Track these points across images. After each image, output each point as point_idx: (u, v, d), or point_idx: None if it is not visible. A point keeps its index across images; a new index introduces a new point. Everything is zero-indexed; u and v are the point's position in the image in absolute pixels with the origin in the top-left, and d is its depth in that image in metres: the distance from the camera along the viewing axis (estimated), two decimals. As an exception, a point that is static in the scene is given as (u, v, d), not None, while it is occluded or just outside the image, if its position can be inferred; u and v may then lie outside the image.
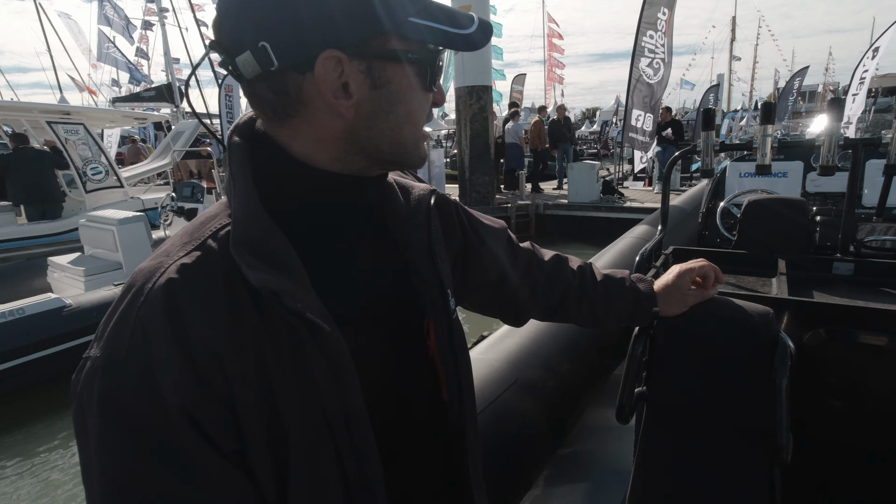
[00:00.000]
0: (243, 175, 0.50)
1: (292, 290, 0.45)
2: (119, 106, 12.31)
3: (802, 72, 18.74)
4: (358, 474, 0.51)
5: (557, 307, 0.90)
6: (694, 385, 1.02)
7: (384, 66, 0.50)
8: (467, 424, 0.65)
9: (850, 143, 1.63)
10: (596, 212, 8.60)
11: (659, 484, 1.04)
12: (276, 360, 0.47)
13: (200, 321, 0.45)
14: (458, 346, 0.64)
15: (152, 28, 18.21)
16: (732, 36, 35.66)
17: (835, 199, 3.17)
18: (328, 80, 0.48)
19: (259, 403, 0.46)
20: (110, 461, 0.44)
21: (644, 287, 0.93)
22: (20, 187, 6.65)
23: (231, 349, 0.45)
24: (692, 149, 1.94)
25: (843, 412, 1.32)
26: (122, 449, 0.44)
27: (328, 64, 0.47)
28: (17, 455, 3.36)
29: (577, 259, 0.95)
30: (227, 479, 0.46)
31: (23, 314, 3.71)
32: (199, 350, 0.44)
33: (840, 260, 1.65)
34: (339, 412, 0.49)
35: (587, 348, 2.12)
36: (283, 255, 0.47)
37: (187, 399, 0.44)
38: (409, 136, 0.54)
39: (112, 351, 0.44)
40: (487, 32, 0.53)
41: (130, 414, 0.43)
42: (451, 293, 0.65)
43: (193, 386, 0.44)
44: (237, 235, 0.46)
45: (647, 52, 7.90)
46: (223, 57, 0.50)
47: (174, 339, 0.44)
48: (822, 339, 1.30)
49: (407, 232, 0.62)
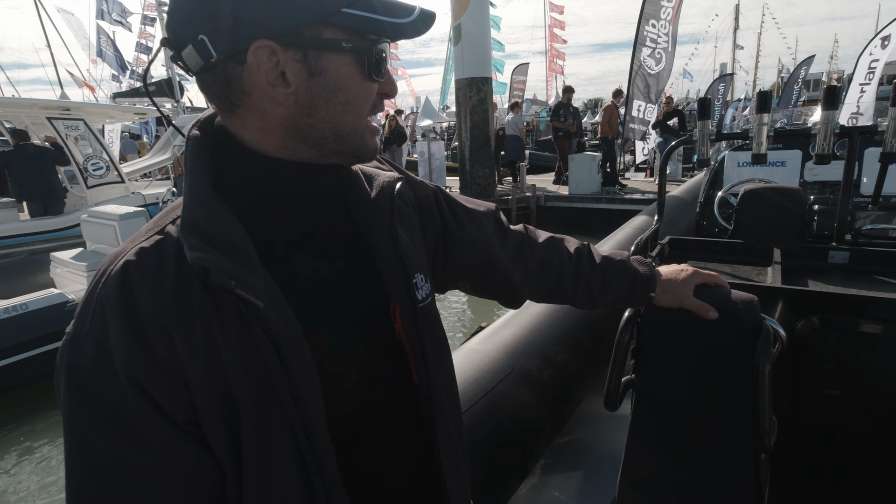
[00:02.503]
0: (194, 164, 0.54)
1: (227, 267, 0.48)
2: (119, 101, 12.29)
3: (808, 60, 18.53)
4: (310, 451, 0.53)
5: (554, 289, 0.90)
6: (680, 372, 1.03)
7: (319, 55, 0.52)
8: (436, 408, 0.65)
9: (846, 132, 1.63)
10: (597, 203, 8.58)
11: (647, 470, 1.06)
12: (223, 336, 0.50)
13: (150, 299, 0.49)
14: (424, 330, 0.64)
15: (153, 24, 18.12)
16: (736, 24, 35.32)
17: (833, 187, 3.15)
18: (262, 69, 0.50)
19: (209, 377, 0.49)
20: (72, 426, 0.49)
21: (644, 270, 0.93)
22: (22, 184, 6.68)
23: (178, 325, 0.49)
24: (689, 138, 1.94)
25: (836, 400, 1.32)
26: (81, 415, 0.49)
27: (261, 53, 0.50)
28: (20, 449, 3.40)
29: (575, 240, 0.94)
30: (178, 446, 0.50)
31: (26, 309, 3.74)
32: (148, 325, 0.48)
33: (836, 248, 1.65)
34: (286, 388, 0.51)
35: (583, 338, 2.13)
36: (226, 235, 0.50)
37: (137, 370, 0.48)
38: (349, 124, 0.56)
39: (78, 326, 0.50)
40: (428, 22, 0.55)
41: (88, 383, 0.48)
42: (424, 278, 0.66)
43: (143, 358, 0.48)
44: (184, 219, 0.51)
45: (648, 41, 7.84)
46: (172, 52, 0.52)
47: (126, 316, 0.48)
48: (814, 327, 1.30)
49: (370, 217, 0.63)
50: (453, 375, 0.73)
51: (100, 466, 0.49)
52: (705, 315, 0.93)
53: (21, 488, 3.05)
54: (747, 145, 3.46)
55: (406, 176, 0.75)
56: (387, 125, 10.88)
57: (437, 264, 0.79)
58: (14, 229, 6.33)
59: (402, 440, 0.66)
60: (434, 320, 0.68)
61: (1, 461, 3.28)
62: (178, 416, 0.49)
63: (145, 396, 0.48)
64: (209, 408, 0.50)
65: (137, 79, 19.44)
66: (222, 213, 0.51)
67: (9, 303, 3.74)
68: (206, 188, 0.52)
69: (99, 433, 0.48)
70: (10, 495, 3.00)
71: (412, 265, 0.65)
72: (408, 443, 0.67)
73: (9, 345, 3.63)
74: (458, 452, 0.71)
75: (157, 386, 0.48)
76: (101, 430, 0.48)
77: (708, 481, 0.99)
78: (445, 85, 23.70)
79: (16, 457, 3.32)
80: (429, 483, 0.68)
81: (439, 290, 0.87)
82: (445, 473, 0.67)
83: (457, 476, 0.69)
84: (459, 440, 0.72)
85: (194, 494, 0.51)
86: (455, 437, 0.70)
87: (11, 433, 3.54)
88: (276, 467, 0.52)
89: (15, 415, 3.70)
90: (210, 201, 0.52)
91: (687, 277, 0.94)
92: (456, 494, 0.69)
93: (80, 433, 0.49)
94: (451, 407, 0.70)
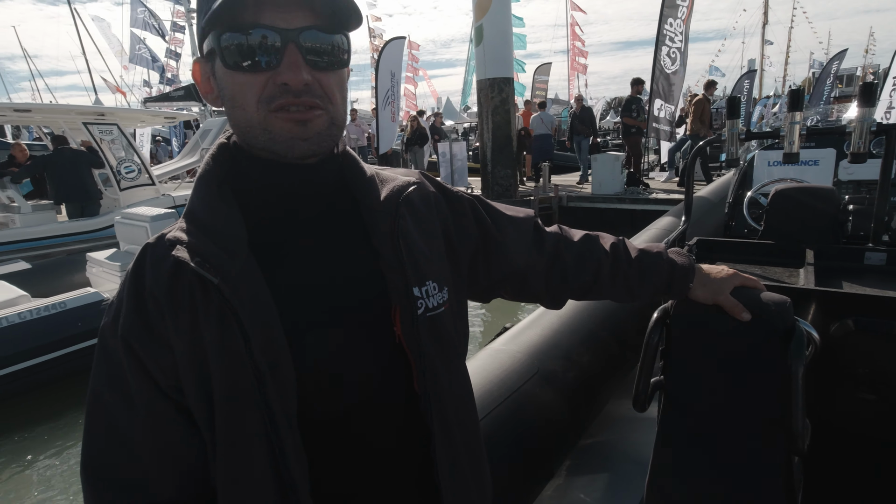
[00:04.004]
0: (206, 164, 0.62)
1: (199, 247, 0.55)
2: (150, 106, 12.67)
3: (841, 55, 17.91)
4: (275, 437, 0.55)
5: (592, 285, 0.90)
6: (710, 373, 1.02)
7: (211, 64, 0.60)
8: (436, 421, 0.63)
9: (883, 129, 1.58)
10: (620, 204, 8.46)
11: (677, 472, 1.05)
12: (205, 316, 0.56)
13: (151, 274, 0.58)
14: (424, 337, 0.62)
15: (183, 31, 18.60)
16: (764, 19, 34.35)
17: (869, 186, 3.05)
18: (198, 79, 0.62)
19: (191, 351, 0.56)
20: (92, 375, 0.61)
21: (681, 261, 0.93)
22: (60, 186, 6.93)
23: (169, 301, 0.57)
24: (717, 138, 1.91)
25: (870, 404, 1.29)
26: (97, 367, 0.60)
27: (196, 67, 0.63)
28: (59, 444, 3.54)
29: (610, 236, 0.94)
30: (154, 405, 0.58)
31: (64, 308, 3.90)
32: (147, 298, 0.57)
33: (872, 250, 1.61)
34: (250, 368, 0.54)
35: (608, 340, 2.12)
36: (217, 223, 0.57)
37: (130, 332, 0.57)
38: (241, 119, 0.59)
39: (114, 296, 0.62)
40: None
41: (104, 342, 0.60)
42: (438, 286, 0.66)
43: (138, 324, 0.57)
44: (186, 209, 0.60)
45: (667, 40, 7.71)
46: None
47: (133, 288, 0.59)
48: (849, 330, 1.27)
49: (376, 220, 0.65)
50: (466, 389, 0.71)
51: (100, 411, 0.59)
52: (738, 315, 0.92)
53: (64, 478, 3.18)
54: (778, 144, 3.38)
55: (437, 186, 0.76)
56: (408, 126, 10.93)
57: (480, 273, 0.80)
58: (53, 230, 6.58)
59: (395, 449, 0.64)
60: (445, 330, 0.66)
61: (41, 454, 3.42)
62: (162, 380, 0.57)
63: (134, 356, 0.57)
64: (189, 379, 0.56)
65: (167, 84, 20.00)
66: (218, 205, 0.59)
67: (49, 301, 3.90)
68: (210, 184, 0.60)
69: (104, 383, 0.59)
70: (50, 482, 3.13)
71: (419, 270, 0.64)
72: (401, 452, 0.64)
73: (48, 341, 3.78)
74: (467, 469, 0.67)
75: (146, 350, 0.57)
76: (105, 381, 0.59)
77: (739, 485, 0.98)
78: (467, 86, 23.69)
79: (55, 450, 3.46)
80: (425, 490, 0.65)
81: (482, 299, 0.89)
82: (443, 490, 0.64)
83: (462, 493, 0.66)
84: (470, 455, 0.68)
85: (165, 451, 0.58)
86: (463, 453, 0.67)
87: (51, 427, 3.68)
88: (242, 446, 0.56)
89: (57, 409, 3.85)
90: (209, 195, 0.59)
91: (726, 276, 0.94)
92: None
93: (94, 379, 0.60)
94: (461, 422, 0.67)
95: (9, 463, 3.34)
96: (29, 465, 3.32)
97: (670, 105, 8.14)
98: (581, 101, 10.39)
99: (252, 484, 0.55)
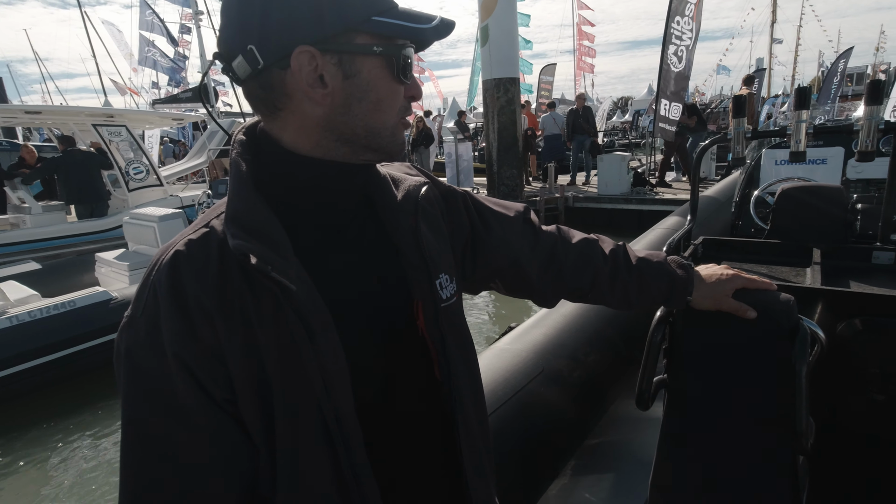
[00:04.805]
0: (237, 164, 0.59)
1: (264, 253, 0.53)
2: (158, 107, 12.78)
3: (847, 52, 17.72)
4: (338, 434, 0.56)
5: (589, 290, 0.89)
6: (714, 372, 1.01)
7: (353, 58, 0.57)
8: (458, 404, 0.67)
9: (892, 127, 1.57)
10: (626, 204, 8.43)
11: (679, 471, 1.05)
12: (259, 320, 0.54)
13: (195, 284, 0.54)
14: (446, 328, 0.67)
15: (190, 32, 18.75)
16: (773, 18, 34.07)
17: (878, 186, 3.02)
18: (304, 72, 0.55)
19: (245, 358, 0.54)
20: (126, 402, 0.54)
21: (682, 273, 0.91)
22: (70, 188, 7.02)
23: (219, 308, 0.53)
24: (722, 137, 1.90)
25: (878, 404, 1.28)
26: (133, 391, 0.54)
27: (302, 58, 0.55)
28: (68, 441, 3.58)
29: (610, 240, 0.93)
30: (216, 422, 0.54)
31: (73, 307, 3.94)
32: (193, 307, 0.53)
33: (880, 249, 1.59)
34: (317, 371, 0.54)
35: (613, 339, 2.11)
36: (264, 227, 0.55)
37: (181, 348, 0.52)
38: (379, 121, 0.60)
39: (134, 310, 0.55)
40: (448, 27, 0.61)
41: (139, 361, 0.54)
42: (450, 278, 0.70)
43: (187, 337, 0.53)
44: (228, 212, 0.56)
45: (674, 38, 7.67)
46: (223, 64, 0.58)
47: (174, 299, 0.53)
48: (857, 330, 1.26)
49: (395, 218, 0.67)
50: (478, 374, 0.75)
51: (147, 439, 0.54)
52: (744, 315, 0.91)
53: (71, 477, 3.21)
54: (785, 143, 3.35)
55: (435, 182, 0.78)
56: (414, 127, 10.95)
57: (467, 267, 0.81)
58: (63, 231, 6.67)
59: (424, 434, 0.68)
60: (458, 319, 0.71)
61: (51, 452, 3.46)
62: (217, 393, 0.54)
63: (188, 372, 0.53)
64: (245, 388, 0.54)
65: (175, 85, 20.13)
66: (260, 208, 0.57)
67: (59, 300, 3.95)
68: (249, 186, 0.58)
69: (147, 408, 0.53)
70: (54, 482, 3.17)
71: (436, 265, 0.67)
72: (430, 437, 0.69)
73: (58, 340, 3.83)
74: (481, 450, 0.72)
75: (199, 363, 0.53)
76: (149, 405, 0.53)
77: (743, 484, 0.98)
78: (472, 86, 23.68)
79: (63, 448, 3.50)
80: (451, 477, 0.69)
81: (472, 292, 0.89)
82: (467, 469, 0.68)
83: (479, 472, 0.70)
84: (483, 438, 0.73)
85: (230, 468, 0.55)
86: (478, 435, 0.71)
87: (59, 424, 3.73)
88: (306, 449, 0.56)
89: (66, 406, 3.89)
90: (250, 197, 0.57)
91: (726, 280, 0.92)
92: (479, 492, 0.69)
93: (132, 408, 0.54)
94: (475, 405, 0.72)
95: (19, 459, 3.38)
96: (40, 461, 3.36)
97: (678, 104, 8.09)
98: (583, 99, 10.32)
99: (317, 488, 0.56)
